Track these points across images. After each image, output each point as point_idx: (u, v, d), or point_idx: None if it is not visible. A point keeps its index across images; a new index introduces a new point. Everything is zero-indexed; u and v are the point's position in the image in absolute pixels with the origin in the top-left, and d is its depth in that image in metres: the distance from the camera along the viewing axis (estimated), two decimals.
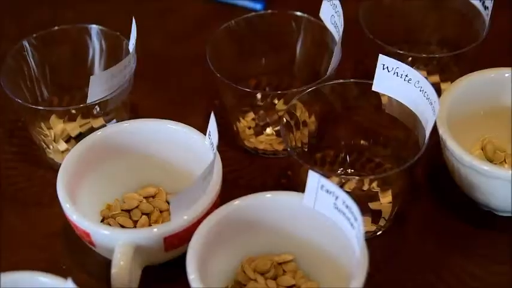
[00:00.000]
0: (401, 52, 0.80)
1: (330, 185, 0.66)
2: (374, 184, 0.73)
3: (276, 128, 0.81)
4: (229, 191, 0.73)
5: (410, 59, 0.82)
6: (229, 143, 0.83)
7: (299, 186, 0.71)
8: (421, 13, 0.87)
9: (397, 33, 0.87)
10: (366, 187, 0.73)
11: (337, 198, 0.66)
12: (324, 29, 0.81)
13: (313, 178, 0.67)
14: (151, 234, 0.69)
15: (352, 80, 0.77)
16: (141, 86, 0.84)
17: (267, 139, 0.82)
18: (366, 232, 0.74)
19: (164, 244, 0.69)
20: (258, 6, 0.95)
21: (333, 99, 0.78)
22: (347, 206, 0.65)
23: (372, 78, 0.76)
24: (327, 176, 0.67)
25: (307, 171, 0.67)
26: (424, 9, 0.87)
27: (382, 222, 0.75)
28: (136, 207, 0.75)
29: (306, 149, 0.79)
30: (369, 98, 0.77)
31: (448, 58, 0.83)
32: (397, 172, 0.72)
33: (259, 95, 0.80)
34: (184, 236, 0.69)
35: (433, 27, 0.88)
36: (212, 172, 0.70)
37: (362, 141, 0.80)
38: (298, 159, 0.72)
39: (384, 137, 0.79)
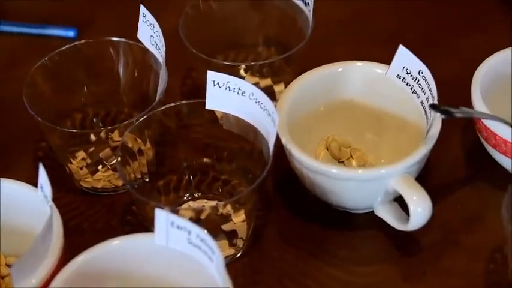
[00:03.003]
0: (228, 64, 0.77)
1: (180, 220, 0.62)
2: (228, 206, 0.69)
3: (112, 162, 0.76)
4: (73, 240, 0.68)
5: (244, 67, 0.79)
6: (65, 186, 0.77)
7: (147, 221, 0.67)
8: (243, 16, 0.85)
9: (222, 40, 0.85)
10: (220, 211, 0.69)
11: (190, 233, 0.62)
12: (145, 50, 0.77)
13: (161, 216, 0.63)
14: None
15: (184, 101, 0.74)
16: None
17: (104, 176, 0.77)
18: (225, 257, 0.71)
19: None
20: (70, 33, 0.90)
21: (167, 123, 0.74)
22: (202, 240, 0.62)
23: (202, 90, 0.72)
24: (176, 211, 0.63)
25: (153, 206, 0.63)
26: (245, 11, 0.85)
27: (240, 243, 0.72)
28: None
29: (147, 179, 0.75)
30: (204, 115, 0.74)
31: (278, 60, 0.80)
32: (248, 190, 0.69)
33: (92, 135, 0.75)
34: None
35: (257, 29, 0.85)
36: (52, 227, 0.65)
37: (205, 159, 0.77)
38: (140, 197, 0.67)
39: (227, 151, 0.76)
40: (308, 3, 0.79)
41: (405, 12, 0.92)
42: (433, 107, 0.69)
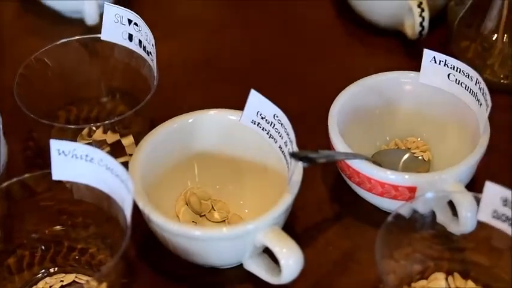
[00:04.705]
0: (72, 127, 0.72)
1: None
2: (92, 282, 0.64)
3: None
4: None
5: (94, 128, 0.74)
6: None
7: None
8: (83, 69, 0.80)
9: (63, 95, 0.80)
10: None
11: None
12: None
13: None
14: None
15: (27, 174, 0.68)
16: None
17: None
18: None
19: None
20: None
21: (12, 196, 0.68)
22: None
23: (46, 152, 0.67)
24: None
25: None
26: (84, 65, 0.80)
27: None
28: None
29: None
30: (51, 182, 0.68)
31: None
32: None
33: None
34: None
35: (98, 81, 0.81)
36: None
37: (58, 227, 0.71)
38: None
39: (81, 216, 0.71)
40: (150, 52, 0.74)
41: (255, 51, 0.89)
42: (293, 155, 0.66)
